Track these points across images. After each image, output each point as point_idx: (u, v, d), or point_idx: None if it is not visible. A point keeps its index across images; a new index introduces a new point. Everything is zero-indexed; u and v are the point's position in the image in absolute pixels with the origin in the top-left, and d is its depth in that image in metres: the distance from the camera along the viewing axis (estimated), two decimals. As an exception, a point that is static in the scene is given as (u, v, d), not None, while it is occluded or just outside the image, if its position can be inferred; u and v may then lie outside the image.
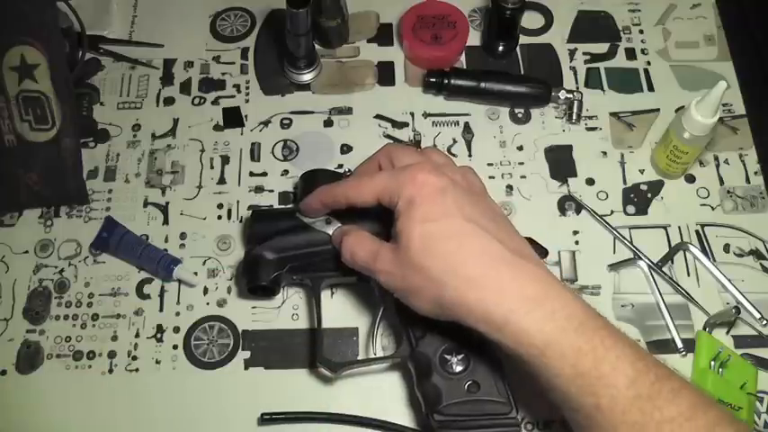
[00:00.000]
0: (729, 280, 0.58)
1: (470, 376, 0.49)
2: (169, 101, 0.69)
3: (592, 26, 0.73)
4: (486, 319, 0.42)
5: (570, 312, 0.42)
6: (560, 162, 0.65)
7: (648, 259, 0.60)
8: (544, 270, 0.44)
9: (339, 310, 0.58)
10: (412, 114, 0.68)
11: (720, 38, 0.71)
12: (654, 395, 0.40)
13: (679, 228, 0.62)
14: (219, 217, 0.63)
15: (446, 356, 0.49)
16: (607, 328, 0.42)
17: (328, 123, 0.68)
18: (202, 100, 0.69)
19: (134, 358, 0.57)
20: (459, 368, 0.49)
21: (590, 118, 0.67)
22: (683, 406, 0.40)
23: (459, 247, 0.43)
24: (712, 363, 0.55)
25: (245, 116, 0.68)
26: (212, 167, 0.65)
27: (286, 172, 0.65)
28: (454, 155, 0.65)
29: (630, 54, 0.71)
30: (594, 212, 0.62)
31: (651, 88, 0.69)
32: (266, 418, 0.53)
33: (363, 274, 0.53)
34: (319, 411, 0.54)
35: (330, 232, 0.53)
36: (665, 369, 0.42)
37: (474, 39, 0.72)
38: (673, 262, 0.60)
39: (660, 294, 0.59)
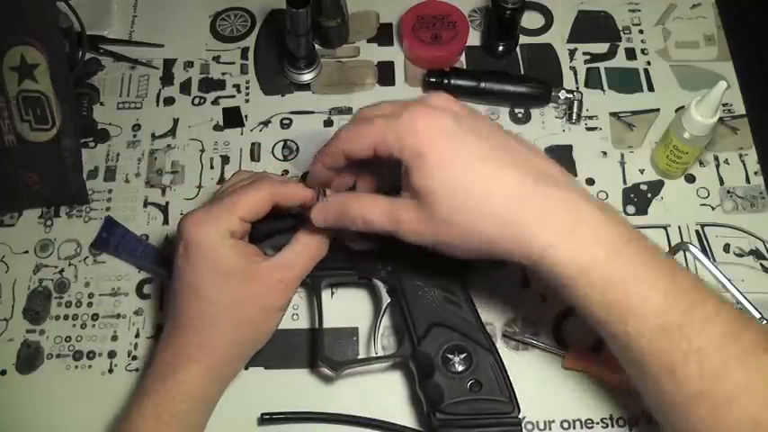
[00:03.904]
0: (729, 280, 0.58)
1: (472, 375, 0.49)
2: (169, 101, 0.69)
3: (592, 26, 0.73)
4: (522, 255, 0.42)
5: (602, 239, 0.41)
6: (560, 162, 0.64)
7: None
8: (571, 190, 0.43)
9: (339, 309, 0.58)
10: (412, 114, 0.68)
11: (720, 38, 0.71)
12: (684, 324, 0.39)
13: (679, 228, 0.62)
14: (219, 217, 0.63)
15: (448, 356, 0.50)
16: (642, 251, 0.41)
17: (328, 123, 0.68)
18: (202, 100, 0.69)
19: (134, 358, 0.57)
20: (461, 367, 0.49)
21: (590, 118, 0.67)
22: (714, 334, 0.39)
23: (482, 190, 0.42)
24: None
25: (245, 116, 0.68)
26: (212, 167, 0.65)
27: (286, 172, 0.65)
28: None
29: (630, 54, 0.71)
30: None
31: (651, 88, 0.69)
32: (266, 418, 0.53)
33: (364, 273, 0.54)
34: (319, 411, 0.54)
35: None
36: (701, 294, 0.41)
37: (474, 39, 0.72)
38: (673, 262, 0.61)
39: (660, 294, 0.59)
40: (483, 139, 0.43)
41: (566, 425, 0.54)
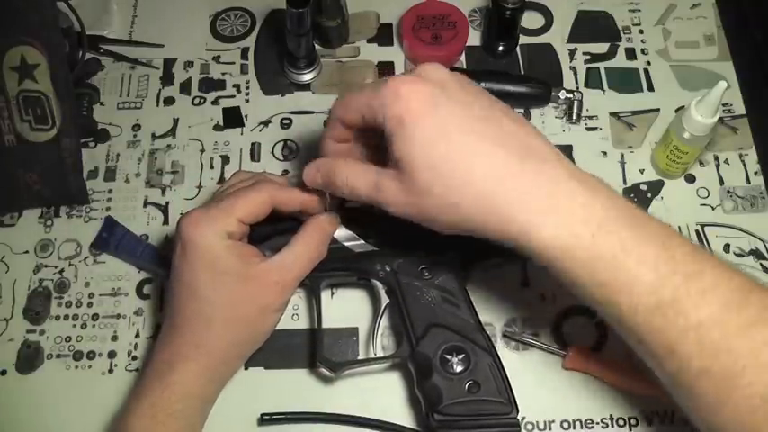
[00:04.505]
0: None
1: (471, 376, 0.49)
2: (169, 101, 0.69)
3: (592, 26, 0.73)
4: (505, 233, 0.40)
5: (587, 215, 0.39)
6: (560, 162, 0.65)
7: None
8: (556, 166, 0.41)
9: (339, 310, 0.58)
10: (412, 114, 0.68)
11: (720, 38, 0.71)
12: (679, 299, 0.37)
13: (679, 228, 0.62)
14: (219, 217, 0.63)
15: (446, 356, 0.49)
16: (629, 226, 0.39)
17: (328, 123, 0.68)
18: (202, 100, 0.69)
19: (134, 358, 0.57)
20: (459, 368, 0.49)
21: (590, 118, 0.67)
22: (713, 307, 0.37)
23: (464, 164, 0.40)
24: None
25: (245, 116, 0.68)
26: (212, 167, 0.65)
27: (286, 172, 0.65)
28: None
29: (630, 54, 0.71)
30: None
31: (651, 88, 0.69)
32: (266, 419, 0.53)
33: (363, 274, 0.53)
34: (319, 412, 0.54)
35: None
36: (699, 263, 0.38)
37: (474, 39, 0.72)
38: (673, 262, 0.60)
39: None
40: (468, 110, 0.42)
41: (566, 425, 0.54)
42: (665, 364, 0.39)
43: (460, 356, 0.49)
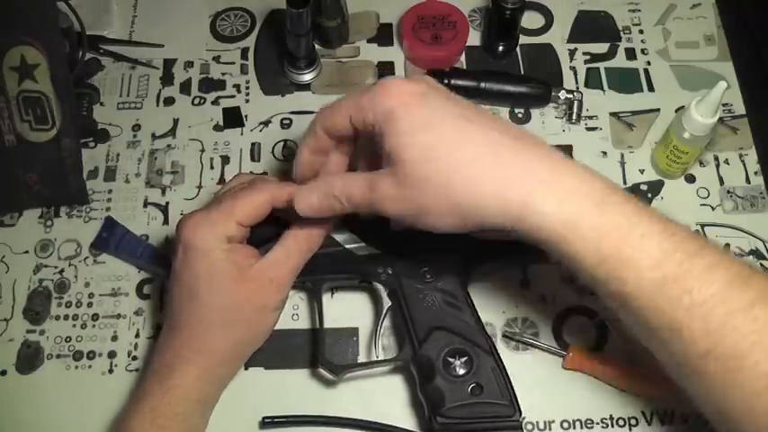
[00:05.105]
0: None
1: (473, 379, 0.49)
2: (169, 101, 0.69)
3: (592, 26, 0.73)
4: (503, 212, 0.39)
5: (589, 189, 0.39)
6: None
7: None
8: (552, 150, 0.41)
9: (339, 310, 0.58)
10: (412, 114, 0.68)
11: (720, 38, 0.71)
12: (683, 276, 0.37)
13: (679, 228, 0.62)
14: (219, 217, 0.63)
15: (449, 359, 0.49)
16: (632, 203, 0.39)
17: (328, 123, 0.67)
18: (202, 100, 0.69)
19: (134, 358, 0.57)
20: (462, 371, 0.49)
21: (590, 118, 0.67)
22: (717, 286, 0.36)
23: (457, 148, 0.40)
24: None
25: (245, 116, 0.68)
26: (212, 167, 0.65)
27: (287, 172, 0.65)
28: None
29: (630, 54, 0.71)
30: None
31: (651, 88, 0.69)
32: (267, 422, 0.53)
33: (365, 276, 0.53)
34: (320, 415, 0.54)
35: (333, 236, 0.52)
36: (699, 243, 0.38)
37: (474, 39, 0.72)
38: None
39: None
40: (457, 102, 0.42)
41: (566, 425, 0.54)
42: (671, 345, 0.38)
43: (463, 359, 0.49)
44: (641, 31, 0.72)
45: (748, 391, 0.36)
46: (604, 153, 0.66)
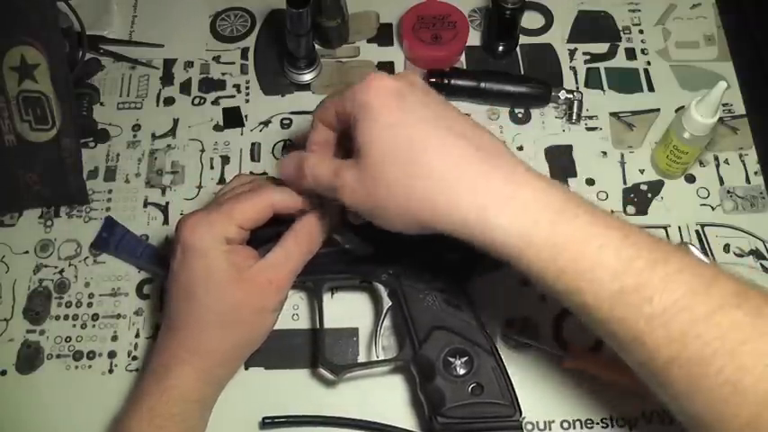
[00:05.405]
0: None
1: (474, 379, 0.49)
2: (169, 101, 0.69)
3: (592, 26, 0.73)
4: (460, 222, 0.39)
5: (546, 202, 0.38)
6: (560, 162, 0.65)
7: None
8: (515, 162, 0.41)
9: (339, 309, 0.58)
10: (412, 114, 0.68)
11: (720, 38, 0.71)
12: (643, 285, 0.36)
13: (679, 228, 0.62)
14: (219, 217, 0.63)
15: (449, 359, 0.49)
16: (590, 213, 0.38)
17: (328, 123, 0.67)
18: (202, 100, 0.69)
19: (134, 358, 0.57)
20: (462, 371, 0.49)
21: (590, 118, 0.67)
22: (680, 293, 0.36)
23: (422, 151, 0.40)
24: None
25: (245, 116, 0.68)
26: (212, 167, 0.65)
27: (286, 172, 0.65)
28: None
29: (630, 54, 0.71)
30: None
31: (651, 88, 0.69)
32: (268, 422, 0.53)
33: (365, 277, 0.53)
34: (321, 415, 0.54)
35: (334, 236, 0.52)
36: (661, 251, 0.37)
37: (474, 39, 0.72)
38: (673, 262, 0.60)
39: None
40: (433, 106, 0.42)
41: (566, 425, 0.54)
42: (636, 354, 0.38)
43: (463, 359, 0.49)
44: (641, 31, 0.72)
45: (716, 398, 0.36)
46: (604, 153, 0.66)
